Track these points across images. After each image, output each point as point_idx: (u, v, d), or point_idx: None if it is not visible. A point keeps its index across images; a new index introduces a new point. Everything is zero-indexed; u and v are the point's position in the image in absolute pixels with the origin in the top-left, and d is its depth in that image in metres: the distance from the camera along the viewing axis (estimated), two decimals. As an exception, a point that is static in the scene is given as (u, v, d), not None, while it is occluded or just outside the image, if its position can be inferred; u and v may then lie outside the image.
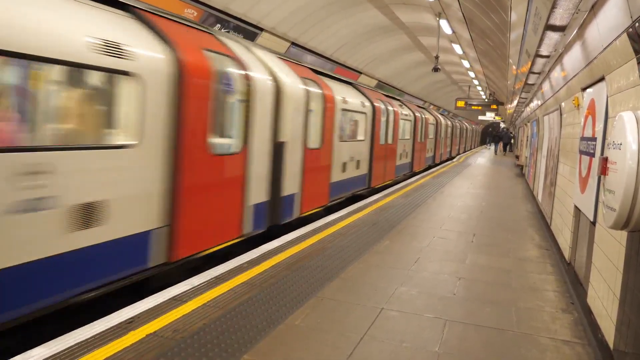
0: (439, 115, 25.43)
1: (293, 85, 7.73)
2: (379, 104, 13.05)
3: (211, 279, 4.91)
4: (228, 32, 10.31)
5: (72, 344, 3.38)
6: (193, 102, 5.24)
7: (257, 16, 11.22)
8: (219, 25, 10.26)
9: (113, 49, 4.30)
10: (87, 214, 4.09)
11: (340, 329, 3.93)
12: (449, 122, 27.27)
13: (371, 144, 12.44)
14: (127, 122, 4.63)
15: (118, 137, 4.63)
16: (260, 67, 6.91)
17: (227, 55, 6.16)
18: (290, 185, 7.78)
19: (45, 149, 3.81)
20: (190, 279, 4.85)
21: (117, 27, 4.57)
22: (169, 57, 4.97)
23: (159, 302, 4.22)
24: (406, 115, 16.73)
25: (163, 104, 4.87)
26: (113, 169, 4.37)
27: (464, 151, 38.64)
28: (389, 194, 11.83)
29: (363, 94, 12.59)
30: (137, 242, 4.68)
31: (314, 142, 8.69)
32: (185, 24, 5.85)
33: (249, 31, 11.28)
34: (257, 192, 6.72)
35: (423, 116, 19.57)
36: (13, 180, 3.48)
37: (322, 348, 3.61)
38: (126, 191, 4.50)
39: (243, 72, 6.33)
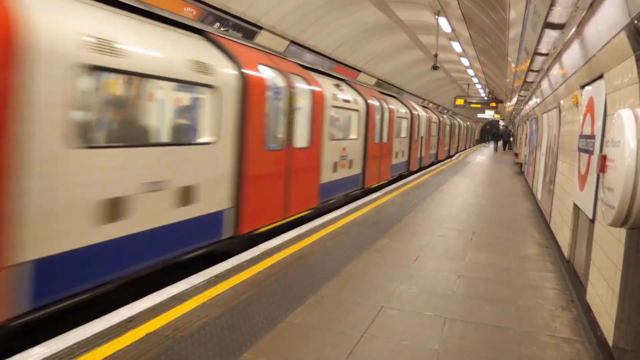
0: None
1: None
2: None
3: (211, 277, 4.91)
4: (227, 30, 10.29)
5: (72, 343, 3.38)
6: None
7: (256, 14, 11.20)
8: (218, 24, 10.25)
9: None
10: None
11: (340, 327, 3.94)
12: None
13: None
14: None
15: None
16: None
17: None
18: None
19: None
20: (189, 278, 4.86)
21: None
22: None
23: (158, 301, 4.22)
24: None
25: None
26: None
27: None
28: (388, 192, 11.84)
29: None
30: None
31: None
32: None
33: (248, 30, 11.27)
34: None
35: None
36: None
37: (322, 346, 3.62)
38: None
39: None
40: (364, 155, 12.03)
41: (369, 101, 12.35)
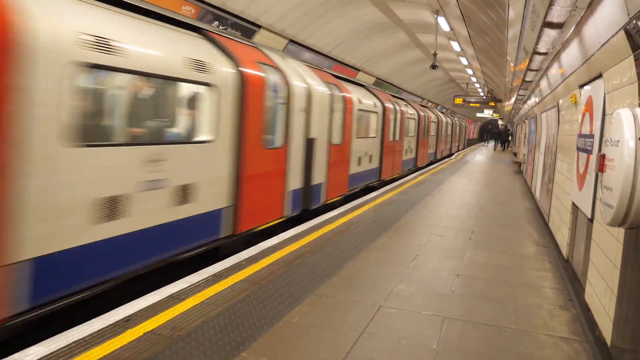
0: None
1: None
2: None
3: (209, 276, 4.90)
4: (226, 29, 10.27)
5: (70, 342, 3.37)
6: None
7: (254, 13, 11.18)
8: (216, 23, 10.23)
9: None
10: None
11: (338, 327, 3.93)
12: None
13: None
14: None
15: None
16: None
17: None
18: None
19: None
20: (188, 277, 4.85)
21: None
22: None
23: (156, 300, 4.21)
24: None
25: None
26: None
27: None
28: (387, 191, 11.84)
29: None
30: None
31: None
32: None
33: (247, 28, 11.25)
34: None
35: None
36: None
37: (320, 345, 3.61)
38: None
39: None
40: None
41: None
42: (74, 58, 3.92)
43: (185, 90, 5.85)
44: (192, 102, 5.89)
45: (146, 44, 4.90)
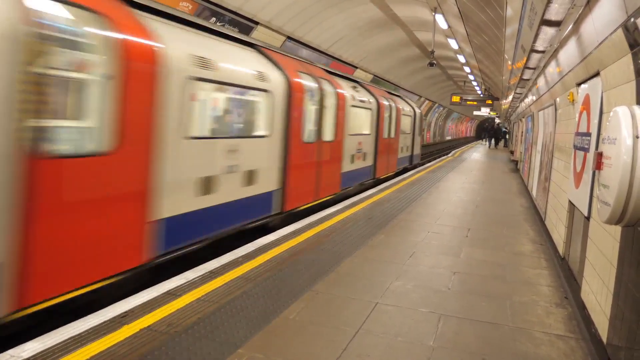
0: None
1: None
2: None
3: (205, 273, 4.89)
4: (223, 25, 10.25)
5: (66, 337, 3.36)
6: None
7: (252, 10, 11.15)
8: (214, 19, 10.20)
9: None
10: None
11: (335, 323, 3.94)
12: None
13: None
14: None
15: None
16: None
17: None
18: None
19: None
20: (184, 273, 4.84)
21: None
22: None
23: (153, 297, 4.20)
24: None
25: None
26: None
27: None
28: (384, 188, 11.84)
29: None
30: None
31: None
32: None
33: (245, 25, 11.22)
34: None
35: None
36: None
37: (317, 342, 3.61)
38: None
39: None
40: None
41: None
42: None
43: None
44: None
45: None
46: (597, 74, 4.31)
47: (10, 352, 3.15)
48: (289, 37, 13.26)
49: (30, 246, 3.60)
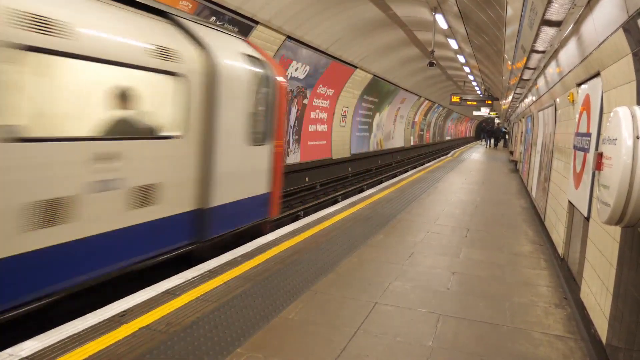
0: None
1: None
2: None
3: (205, 272, 4.89)
4: (223, 24, 10.22)
5: (64, 336, 3.36)
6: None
7: (252, 9, 11.13)
8: (214, 18, 10.18)
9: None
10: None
11: (334, 323, 3.93)
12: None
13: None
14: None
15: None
16: None
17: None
18: None
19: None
20: (184, 272, 4.84)
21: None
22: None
23: (152, 296, 4.20)
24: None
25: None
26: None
27: None
28: (384, 188, 11.84)
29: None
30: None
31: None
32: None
33: (244, 24, 11.20)
34: None
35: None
36: None
37: (315, 342, 3.61)
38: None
39: None
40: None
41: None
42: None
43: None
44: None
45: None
46: (597, 75, 4.30)
47: (9, 350, 3.14)
48: (288, 37, 13.24)
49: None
